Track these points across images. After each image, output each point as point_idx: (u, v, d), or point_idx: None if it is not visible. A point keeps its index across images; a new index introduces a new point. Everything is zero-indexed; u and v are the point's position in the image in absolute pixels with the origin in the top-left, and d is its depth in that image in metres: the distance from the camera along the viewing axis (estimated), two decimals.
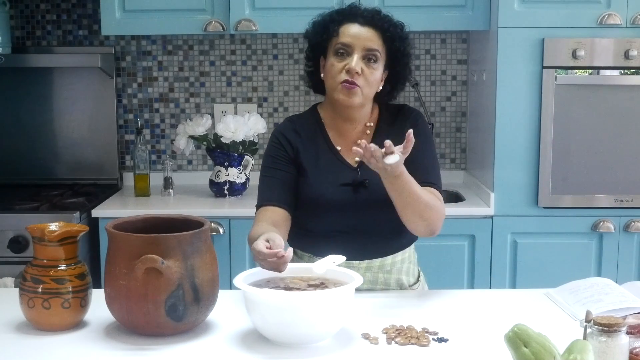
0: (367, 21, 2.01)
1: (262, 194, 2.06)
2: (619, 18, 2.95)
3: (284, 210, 2.00)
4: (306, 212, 2.04)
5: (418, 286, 2.15)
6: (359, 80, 1.97)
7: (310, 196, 2.03)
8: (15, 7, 3.54)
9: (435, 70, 3.60)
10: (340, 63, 1.98)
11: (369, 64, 1.99)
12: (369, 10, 2.05)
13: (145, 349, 1.63)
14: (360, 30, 2.00)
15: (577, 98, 2.99)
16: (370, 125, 2.10)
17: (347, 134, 2.09)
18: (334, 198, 2.01)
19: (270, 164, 2.07)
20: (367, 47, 1.98)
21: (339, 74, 1.98)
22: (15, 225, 2.92)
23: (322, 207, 2.02)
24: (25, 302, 1.72)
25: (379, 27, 2.01)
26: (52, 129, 3.60)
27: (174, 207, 3.17)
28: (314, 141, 2.08)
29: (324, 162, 2.06)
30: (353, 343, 1.67)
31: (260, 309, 1.62)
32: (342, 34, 2.00)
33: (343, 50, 1.99)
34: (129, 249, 1.64)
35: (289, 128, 2.10)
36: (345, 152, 2.07)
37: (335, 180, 2.03)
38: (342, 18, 2.03)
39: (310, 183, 2.03)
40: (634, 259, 3.06)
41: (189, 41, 3.58)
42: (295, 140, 2.07)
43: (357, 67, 1.96)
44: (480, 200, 3.18)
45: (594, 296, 1.86)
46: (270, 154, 2.09)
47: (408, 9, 3.16)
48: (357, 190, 2.02)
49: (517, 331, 1.35)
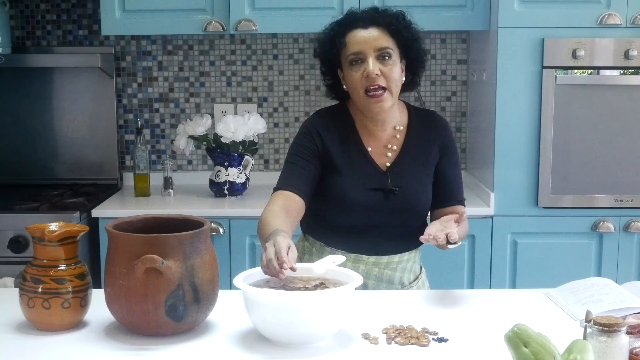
0: (368, 22, 2.02)
1: (282, 178, 2.07)
2: (619, 18, 2.95)
3: (299, 198, 2.02)
4: (330, 207, 2.06)
5: (418, 282, 2.18)
6: (382, 82, 1.98)
7: (338, 195, 2.05)
8: (15, 7, 3.54)
9: (435, 70, 3.60)
10: (358, 72, 2.00)
11: (385, 62, 2.00)
12: (366, 11, 2.05)
13: (145, 349, 1.63)
14: (365, 33, 2.01)
15: (577, 98, 2.99)
16: (400, 129, 2.11)
17: (377, 135, 2.10)
18: (362, 200, 2.03)
19: (296, 152, 2.09)
20: (378, 47, 1.99)
21: (360, 82, 1.99)
22: (15, 225, 2.92)
23: (348, 207, 2.04)
24: (25, 302, 1.72)
25: (382, 23, 2.02)
26: (52, 129, 3.60)
27: (174, 207, 3.16)
28: (345, 139, 2.09)
29: (354, 162, 2.07)
30: (353, 343, 1.67)
31: (260, 309, 1.62)
32: (349, 43, 2.01)
33: (357, 59, 2.00)
34: (129, 249, 1.64)
35: (321, 123, 2.11)
36: (376, 154, 2.09)
37: (364, 184, 2.05)
38: (343, 28, 2.04)
39: (340, 182, 2.05)
40: (634, 259, 3.06)
41: (189, 41, 3.58)
42: (326, 136, 2.08)
43: (375, 69, 1.97)
44: (480, 200, 3.18)
45: (594, 296, 1.86)
46: (299, 143, 2.10)
47: (408, 9, 3.11)
48: (386, 196, 2.05)
49: (517, 331, 1.35)
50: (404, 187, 1.99)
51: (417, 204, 2.08)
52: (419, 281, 2.18)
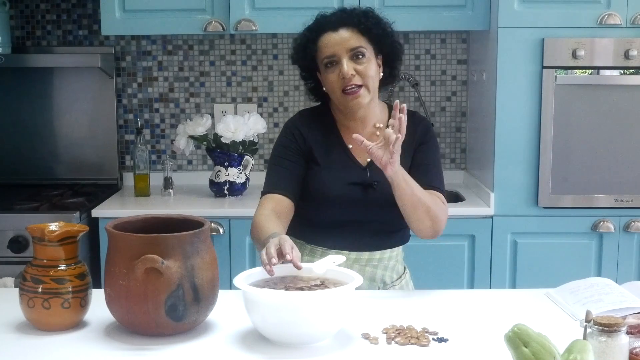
0: (337, 24, 2.04)
1: (270, 181, 2.10)
2: (619, 18, 2.95)
3: (289, 200, 2.05)
4: (310, 203, 2.08)
5: (401, 282, 2.17)
6: (357, 80, 2.01)
7: (318, 190, 2.07)
8: (15, 7, 3.54)
9: (435, 70, 3.60)
10: (334, 73, 2.02)
11: (359, 60, 2.02)
12: (334, 13, 2.08)
13: (145, 349, 1.63)
14: (336, 35, 2.03)
15: (577, 98, 2.99)
16: (381, 127, 2.13)
17: (357, 132, 2.09)
18: (341, 195, 2.05)
19: (280, 154, 2.11)
20: (350, 47, 2.01)
21: (337, 83, 2.02)
22: (15, 225, 2.92)
23: (328, 202, 2.06)
24: (25, 302, 1.72)
25: (351, 23, 2.04)
26: (52, 129, 3.60)
27: (174, 207, 3.16)
28: (327, 136, 2.12)
29: (335, 159, 2.10)
30: (353, 343, 1.67)
31: (260, 309, 1.62)
32: (322, 47, 2.04)
33: (331, 61, 2.02)
34: (129, 249, 1.64)
35: (302, 121, 2.14)
36: (356, 150, 2.11)
37: (344, 178, 2.07)
38: (314, 34, 2.06)
39: (320, 177, 2.07)
40: (634, 259, 3.06)
41: (189, 41, 3.58)
42: (307, 133, 2.11)
43: (350, 70, 2.00)
44: (480, 200, 3.18)
45: (594, 296, 1.86)
46: (281, 144, 2.13)
47: (408, 9, 3.16)
48: (366, 190, 2.07)
49: (517, 331, 1.35)
50: (383, 182, 1.98)
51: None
52: (402, 281, 2.17)
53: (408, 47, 3.58)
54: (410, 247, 2.98)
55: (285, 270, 1.74)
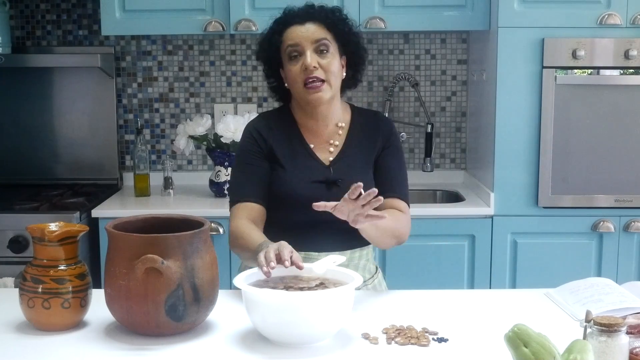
0: (304, 18, 2.05)
1: (238, 189, 2.09)
2: (619, 18, 2.95)
3: (260, 206, 2.05)
4: (276, 205, 2.06)
5: (374, 282, 2.15)
6: (320, 74, 2.00)
7: (282, 190, 2.05)
8: (15, 7, 3.54)
9: (435, 70, 3.60)
10: (297, 65, 2.02)
11: (323, 55, 2.02)
12: (302, 8, 2.08)
13: (145, 349, 1.63)
14: (302, 27, 2.03)
15: (577, 98, 2.99)
16: (342, 126, 2.12)
17: (319, 132, 2.11)
18: (306, 194, 2.01)
19: (244, 160, 2.10)
20: (315, 38, 2.02)
21: (299, 75, 2.01)
22: (15, 225, 2.92)
23: (293, 202, 2.04)
24: (25, 302, 1.72)
25: (318, 18, 2.05)
26: (52, 129, 3.60)
27: (174, 207, 3.16)
28: (288, 137, 2.11)
29: (298, 159, 2.08)
30: (353, 343, 1.67)
31: (260, 309, 1.62)
32: (286, 38, 2.04)
33: (295, 52, 2.02)
34: (129, 249, 1.64)
35: (262, 124, 2.13)
36: (318, 150, 2.10)
37: (308, 177, 2.06)
38: (281, 26, 2.06)
39: (284, 178, 2.06)
40: (634, 259, 3.06)
41: (189, 41, 3.58)
42: (268, 135, 2.09)
43: (313, 61, 2.00)
44: (480, 200, 3.18)
45: (594, 296, 1.86)
46: (243, 149, 2.11)
47: (408, 9, 3.17)
48: (330, 188, 2.05)
49: (517, 331, 1.35)
50: (347, 180, 1.97)
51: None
52: (375, 280, 2.15)
53: (408, 47, 3.58)
54: (410, 247, 2.99)
55: (286, 270, 1.74)
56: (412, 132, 3.59)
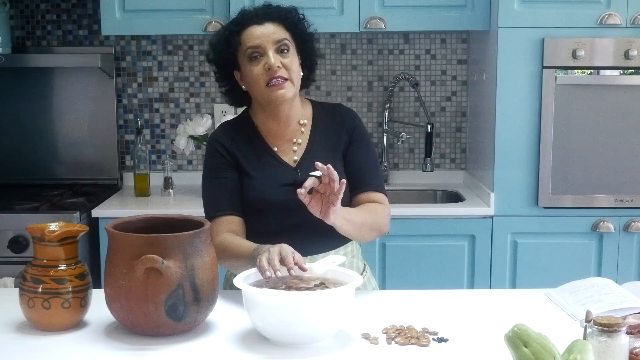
0: (263, 18, 2.03)
1: (213, 204, 2.07)
2: (619, 18, 2.95)
3: (238, 218, 2.03)
4: (249, 213, 2.04)
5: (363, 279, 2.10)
6: (283, 73, 1.98)
7: (253, 198, 2.03)
8: (15, 7, 3.54)
9: (435, 70, 3.60)
10: (259, 66, 1.99)
11: (284, 54, 2.00)
12: (259, 8, 2.06)
13: (145, 349, 1.63)
14: (262, 28, 2.01)
15: (577, 98, 2.99)
16: (304, 123, 2.10)
17: (281, 133, 2.09)
18: (276, 199, 2.01)
19: (212, 174, 2.09)
20: (276, 39, 2.00)
21: (261, 76, 1.99)
22: (15, 225, 2.92)
23: (265, 208, 2.02)
24: (25, 302, 1.72)
25: (277, 18, 2.03)
26: (52, 129, 3.60)
27: (174, 207, 3.16)
28: (251, 144, 2.09)
29: (264, 164, 2.06)
30: (353, 343, 1.67)
31: (260, 309, 1.62)
32: (246, 39, 2.01)
33: (256, 53, 1.99)
34: (129, 249, 1.64)
35: (223, 135, 2.11)
36: (282, 152, 2.08)
37: (275, 181, 2.04)
38: (239, 27, 2.03)
39: (252, 185, 2.04)
40: (634, 259, 3.06)
41: (189, 41, 3.58)
42: (231, 145, 2.07)
43: (277, 62, 1.98)
44: (480, 200, 3.18)
45: (594, 296, 1.86)
46: (210, 164, 2.10)
47: (408, 9, 3.17)
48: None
49: (517, 331, 1.35)
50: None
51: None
52: (364, 278, 2.12)
53: (408, 47, 3.58)
54: (410, 247, 2.99)
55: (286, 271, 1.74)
56: (412, 132, 3.59)
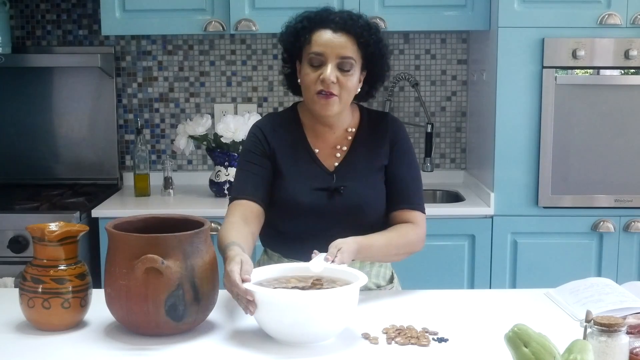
0: (339, 27, 1.95)
1: (237, 186, 2.03)
2: (619, 18, 2.95)
3: (257, 205, 1.97)
4: (278, 212, 2.01)
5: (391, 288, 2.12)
6: (335, 89, 1.93)
7: (284, 198, 2.00)
8: (15, 7, 3.54)
9: (435, 70, 3.60)
10: (315, 73, 1.94)
11: (344, 72, 1.94)
12: (340, 14, 1.98)
13: (145, 349, 1.63)
14: (333, 37, 1.94)
15: (577, 98, 2.99)
16: (351, 131, 2.07)
17: (325, 137, 2.06)
18: (307, 202, 1.98)
19: (248, 158, 2.04)
20: (341, 54, 1.93)
21: (314, 84, 1.94)
22: (15, 225, 2.92)
23: (295, 210, 1.99)
24: (25, 302, 1.72)
25: (353, 32, 1.95)
26: (52, 129, 3.60)
27: (174, 207, 3.16)
28: (292, 141, 2.05)
29: (300, 164, 2.03)
30: (353, 343, 1.67)
31: (268, 308, 1.61)
32: (314, 42, 1.95)
33: (317, 59, 1.94)
34: (129, 249, 1.64)
35: (267, 125, 2.08)
36: (323, 155, 2.05)
37: (310, 185, 2.00)
38: (313, 25, 1.98)
39: (285, 185, 2.01)
40: (634, 259, 3.06)
41: (189, 41, 3.58)
42: (272, 137, 2.04)
43: (332, 76, 1.92)
44: (480, 200, 3.18)
45: (594, 296, 1.86)
46: (247, 148, 2.06)
47: (408, 9, 3.17)
48: (332, 196, 2.00)
49: (517, 331, 1.36)
50: (350, 187, 1.95)
51: (364, 204, 2.00)
52: (392, 288, 2.12)
53: (408, 47, 3.58)
54: None
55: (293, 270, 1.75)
56: (412, 132, 3.59)
